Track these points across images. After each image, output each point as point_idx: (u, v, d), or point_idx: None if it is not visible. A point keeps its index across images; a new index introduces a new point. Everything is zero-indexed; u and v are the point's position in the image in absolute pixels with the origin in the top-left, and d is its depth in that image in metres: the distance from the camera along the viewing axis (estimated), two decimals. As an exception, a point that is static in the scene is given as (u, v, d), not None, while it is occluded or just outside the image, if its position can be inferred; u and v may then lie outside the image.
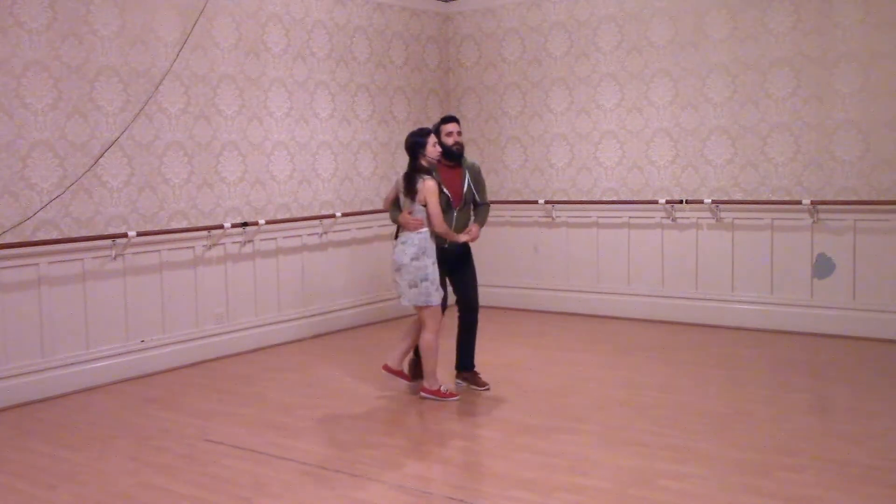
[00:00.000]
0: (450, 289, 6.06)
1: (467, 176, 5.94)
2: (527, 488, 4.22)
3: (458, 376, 6.16)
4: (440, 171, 5.80)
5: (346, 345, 7.41)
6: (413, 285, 5.59)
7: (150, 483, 4.45)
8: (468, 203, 5.98)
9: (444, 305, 5.87)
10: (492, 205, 6.54)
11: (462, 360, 6.14)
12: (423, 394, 5.84)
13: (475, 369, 6.15)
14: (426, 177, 5.59)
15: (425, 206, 5.57)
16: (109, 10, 6.39)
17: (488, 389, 6.01)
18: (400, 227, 5.77)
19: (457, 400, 5.80)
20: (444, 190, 5.80)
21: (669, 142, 8.14)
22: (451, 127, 5.89)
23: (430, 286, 5.60)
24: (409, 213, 5.64)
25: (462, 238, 5.85)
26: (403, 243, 5.64)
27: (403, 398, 5.94)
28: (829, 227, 7.37)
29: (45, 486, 4.44)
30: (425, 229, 5.62)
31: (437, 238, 5.74)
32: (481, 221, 6.03)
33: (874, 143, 7.15)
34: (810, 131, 7.41)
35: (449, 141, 5.85)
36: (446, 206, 5.79)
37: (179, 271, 6.94)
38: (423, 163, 5.64)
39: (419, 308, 5.67)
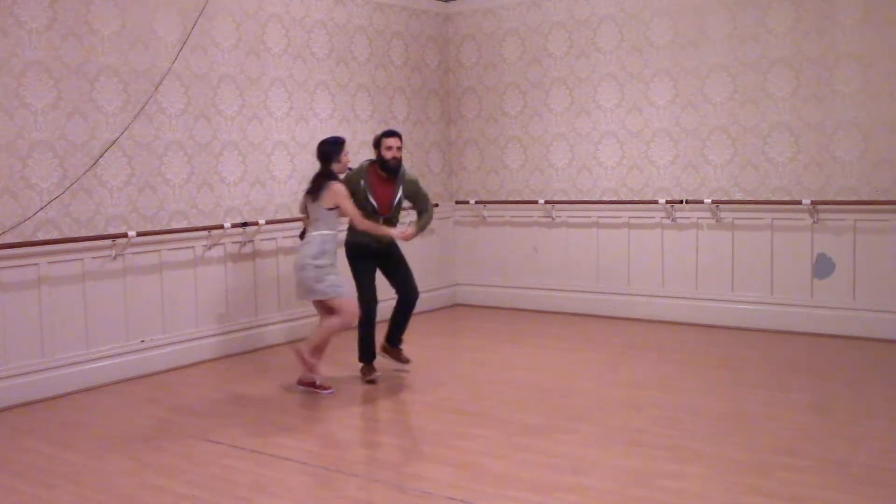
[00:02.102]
0: (384, 286, 6.49)
1: (400, 189, 6.24)
2: (527, 488, 4.22)
3: (381, 348, 6.53)
4: (373, 180, 6.15)
5: (346, 344, 7.39)
6: (319, 280, 5.87)
7: (150, 483, 4.45)
8: (397, 212, 6.32)
9: (372, 306, 6.23)
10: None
11: (392, 335, 6.51)
12: (299, 386, 6.11)
13: (400, 347, 6.52)
14: (333, 182, 5.89)
15: (332, 209, 5.87)
16: (109, 10, 6.39)
17: (409, 361, 6.46)
18: (306, 229, 6.10)
19: (330, 393, 6.00)
20: (370, 198, 6.11)
21: (669, 142, 8.13)
22: (391, 141, 6.20)
23: (335, 279, 5.93)
24: (307, 216, 6.04)
25: (394, 234, 6.12)
26: (308, 243, 5.94)
27: (404, 399, 5.95)
28: (829, 227, 7.37)
29: (45, 486, 4.44)
30: (328, 231, 5.90)
31: (365, 237, 6.07)
32: (422, 225, 6.38)
33: (874, 143, 7.14)
34: (810, 131, 7.41)
35: (387, 154, 6.16)
36: (371, 212, 6.11)
37: (179, 271, 6.94)
38: (334, 169, 5.94)
39: (331, 300, 5.92)
